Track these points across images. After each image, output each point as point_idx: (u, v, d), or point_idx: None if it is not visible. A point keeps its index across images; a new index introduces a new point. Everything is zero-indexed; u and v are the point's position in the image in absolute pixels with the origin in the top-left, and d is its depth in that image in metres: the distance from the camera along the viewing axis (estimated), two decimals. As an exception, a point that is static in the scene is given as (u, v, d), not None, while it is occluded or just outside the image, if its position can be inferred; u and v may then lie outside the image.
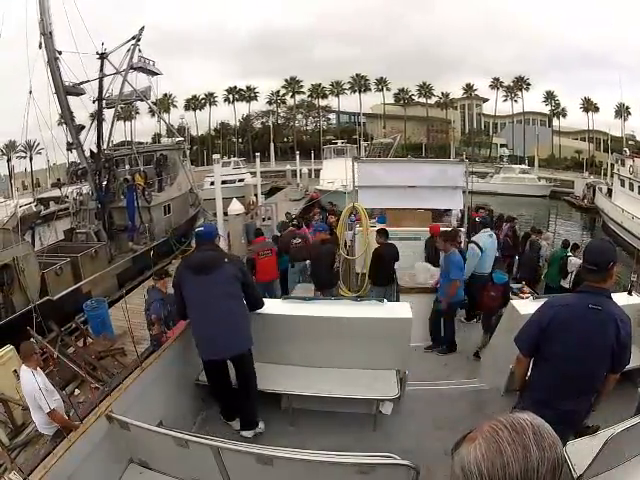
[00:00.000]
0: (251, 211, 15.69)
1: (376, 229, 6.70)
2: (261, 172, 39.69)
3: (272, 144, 46.46)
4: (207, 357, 3.01)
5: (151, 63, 15.36)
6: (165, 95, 58.69)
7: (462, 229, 7.31)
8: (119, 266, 11.88)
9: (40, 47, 11.31)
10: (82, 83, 13.14)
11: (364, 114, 59.39)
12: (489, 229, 6.40)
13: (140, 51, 14.41)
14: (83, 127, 13.07)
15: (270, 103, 61.40)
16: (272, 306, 3.52)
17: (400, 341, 3.20)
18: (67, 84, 12.53)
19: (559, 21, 71.92)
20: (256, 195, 20.69)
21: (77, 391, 6.24)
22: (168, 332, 3.36)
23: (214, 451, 1.96)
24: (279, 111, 62.35)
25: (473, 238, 6.10)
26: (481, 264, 5.93)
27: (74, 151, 12.82)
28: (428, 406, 3.57)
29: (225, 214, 12.09)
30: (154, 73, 15.72)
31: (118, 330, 7.96)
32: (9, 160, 46.31)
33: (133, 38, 14.15)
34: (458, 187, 7.24)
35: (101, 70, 13.44)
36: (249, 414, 3.15)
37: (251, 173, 28.94)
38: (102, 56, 13.38)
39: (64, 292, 9.62)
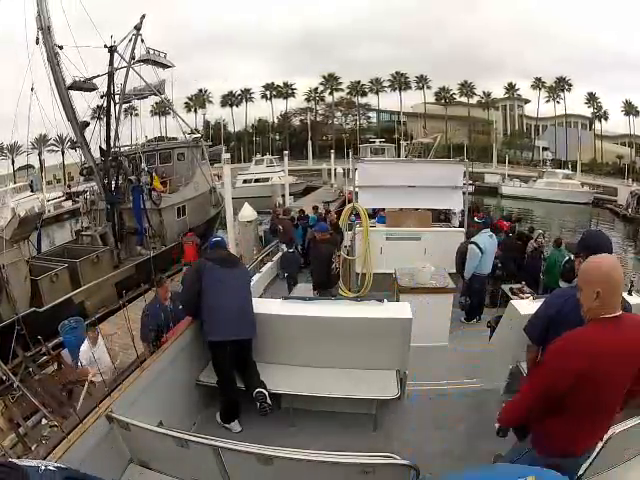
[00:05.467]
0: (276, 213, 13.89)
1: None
2: (297, 170, 37.95)
3: (309, 142, 45.57)
4: (225, 337, 3.16)
5: (162, 55, 14.80)
6: (200, 91, 59.00)
7: (463, 229, 7.31)
8: (119, 274, 11.01)
9: (37, 43, 11.03)
10: (93, 78, 12.86)
11: (404, 113, 58.48)
12: (489, 229, 6.39)
13: (143, 41, 13.86)
14: (87, 124, 12.68)
15: (308, 100, 60.79)
16: (272, 306, 3.52)
17: (400, 341, 3.20)
18: (78, 79, 12.33)
19: (596, 23, 71.29)
20: (283, 196, 18.36)
21: (44, 421, 5.25)
22: (167, 334, 3.33)
23: (214, 451, 1.96)
24: (317, 109, 61.66)
25: (473, 239, 6.08)
26: (481, 265, 5.92)
27: (84, 149, 12.47)
28: (428, 406, 3.57)
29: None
30: (165, 65, 15.09)
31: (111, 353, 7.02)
32: (40, 154, 46.63)
33: (136, 29, 13.54)
34: (458, 187, 7.24)
35: (110, 64, 12.93)
36: (259, 381, 3.19)
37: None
38: (111, 49, 12.83)
39: (53, 303, 8.80)
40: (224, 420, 3.26)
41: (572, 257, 7.24)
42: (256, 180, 30.06)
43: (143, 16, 13.73)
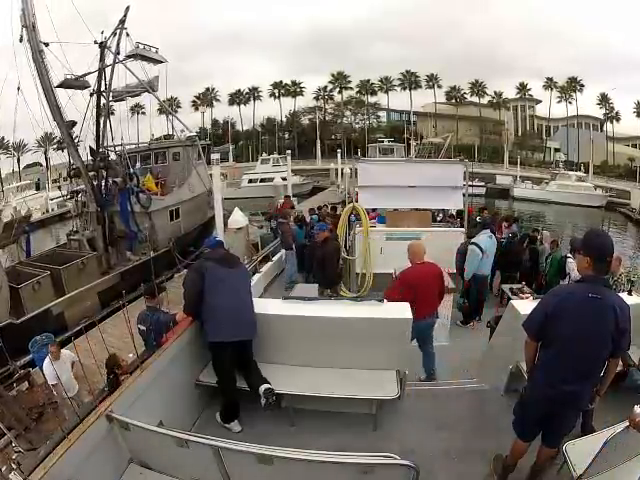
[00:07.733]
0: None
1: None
2: (305, 170, 37.53)
3: (318, 141, 44.91)
4: (225, 338, 3.15)
5: (152, 50, 14.16)
6: (207, 89, 58.87)
7: (462, 229, 7.31)
8: (103, 282, 10.27)
9: (20, 41, 10.65)
10: (84, 75, 12.51)
11: (414, 112, 57.63)
12: (489, 230, 6.38)
13: (128, 35, 13.07)
14: (75, 123, 12.17)
15: (317, 99, 60.20)
16: (272, 306, 3.52)
17: (400, 341, 3.20)
18: (69, 77, 12.03)
19: (607, 23, 70.92)
20: (287, 197, 16.87)
21: (14, 442, 4.78)
22: (167, 334, 3.31)
23: (214, 451, 1.96)
24: (326, 107, 60.90)
25: (473, 239, 6.07)
26: (481, 265, 5.91)
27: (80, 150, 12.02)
28: (428, 406, 3.57)
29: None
30: (156, 61, 14.41)
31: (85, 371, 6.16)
32: (46, 152, 46.66)
33: (121, 22, 12.80)
34: (458, 187, 7.25)
35: (101, 60, 12.42)
36: (263, 378, 3.21)
37: (293, 171, 25.64)
38: (102, 45, 12.33)
39: (29, 315, 8.17)
40: (224, 420, 3.26)
41: (567, 254, 7.27)
42: (261, 180, 29.65)
43: (127, 8, 13.00)
